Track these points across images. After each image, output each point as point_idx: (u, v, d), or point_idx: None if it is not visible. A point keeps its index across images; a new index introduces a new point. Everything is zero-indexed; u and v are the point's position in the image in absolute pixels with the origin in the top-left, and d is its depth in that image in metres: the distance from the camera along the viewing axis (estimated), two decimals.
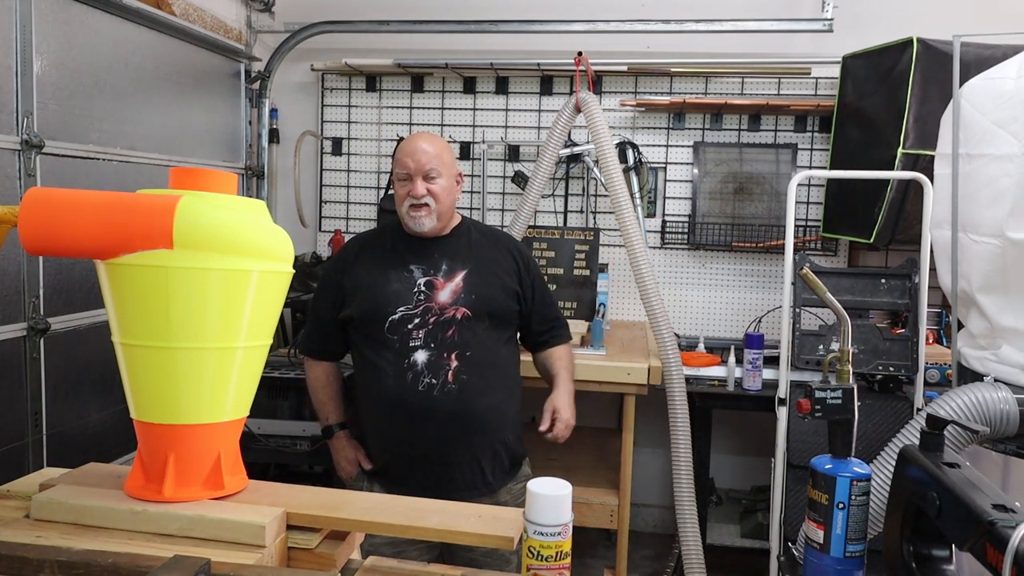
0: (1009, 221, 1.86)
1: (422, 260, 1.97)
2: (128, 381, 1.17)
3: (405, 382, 1.88)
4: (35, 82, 2.14)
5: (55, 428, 2.23)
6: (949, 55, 2.26)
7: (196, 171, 1.19)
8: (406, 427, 1.89)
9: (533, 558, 1.02)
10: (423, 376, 1.88)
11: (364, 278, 1.97)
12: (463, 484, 1.92)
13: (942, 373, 2.69)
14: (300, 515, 1.14)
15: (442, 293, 1.94)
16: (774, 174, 3.35)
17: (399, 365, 1.89)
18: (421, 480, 1.90)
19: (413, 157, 1.93)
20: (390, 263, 1.98)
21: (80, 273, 2.31)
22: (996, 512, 0.87)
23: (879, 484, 1.94)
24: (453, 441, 1.90)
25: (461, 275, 1.97)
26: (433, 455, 1.90)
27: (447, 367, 1.89)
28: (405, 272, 1.96)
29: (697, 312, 3.47)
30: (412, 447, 1.90)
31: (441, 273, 1.96)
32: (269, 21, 3.54)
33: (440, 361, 1.89)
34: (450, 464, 1.91)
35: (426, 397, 1.87)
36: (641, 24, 3.23)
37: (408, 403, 1.87)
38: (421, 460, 1.91)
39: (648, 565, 3.25)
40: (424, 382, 1.88)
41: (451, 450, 1.90)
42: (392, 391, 1.88)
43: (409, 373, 1.88)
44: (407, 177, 1.94)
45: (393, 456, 1.95)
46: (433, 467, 1.91)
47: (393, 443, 1.93)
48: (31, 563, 0.97)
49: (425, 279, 1.95)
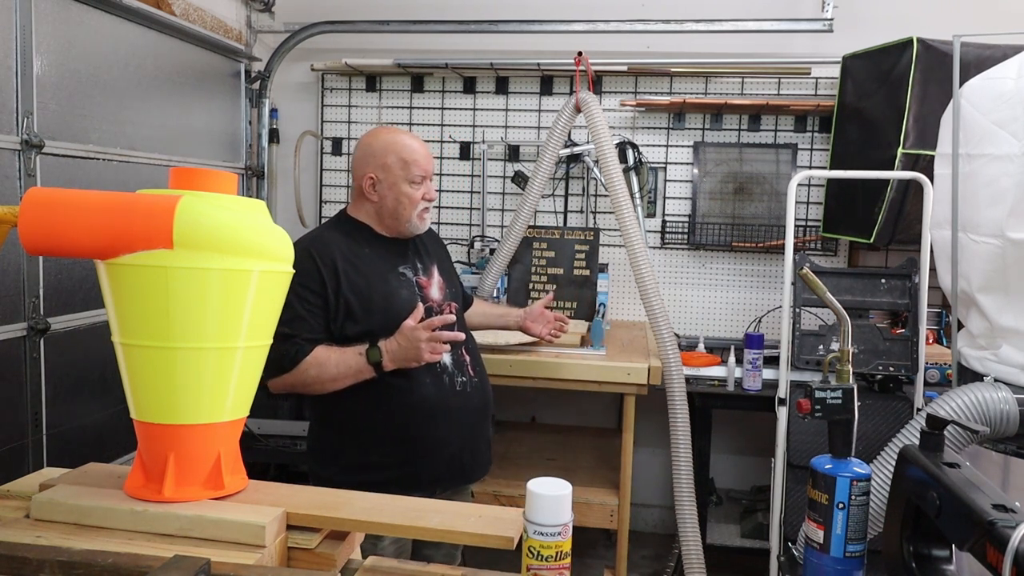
0: (1009, 221, 1.86)
1: (403, 260, 1.95)
2: (128, 381, 1.17)
3: (444, 385, 1.89)
4: (35, 82, 2.14)
5: (55, 428, 2.23)
6: (949, 55, 2.26)
7: (196, 171, 1.19)
8: (447, 428, 1.89)
9: (533, 558, 1.02)
10: (456, 376, 1.92)
11: (369, 289, 1.86)
12: (484, 463, 2.04)
13: (942, 373, 2.69)
14: (300, 515, 1.14)
15: (432, 291, 1.97)
16: (774, 174, 3.35)
17: (433, 371, 1.88)
18: (450, 475, 1.94)
19: (426, 160, 1.93)
20: (384, 269, 1.91)
21: (80, 273, 2.31)
22: (996, 512, 0.87)
23: (879, 484, 1.94)
24: (478, 429, 1.99)
25: (435, 270, 2.01)
26: (466, 449, 1.95)
27: (464, 362, 1.96)
28: (401, 276, 1.93)
29: (697, 312, 3.47)
30: (449, 446, 1.91)
31: (421, 271, 1.97)
32: (269, 21, 3.54)
33: (459, 359, 1.95)
34: (474, 452, 1.98)
35: (462, 396, 1.92)
36: (641, 24, 3.23)
37: (450, 405, 1.89)
38: (456, 456, 1.93)
39: (648, 565, 3.25)
40: (459, 382, 1.92)
41: (476, 437, 1.98)
42: (433, 397, 1.86)
43: (444, 376, 1.90)
44: (421, 179, 1.92)
45: (428, 460, 1.89)
46: (464, 459, 1.96)
47: (431, 447, 1.88)
48: (31, 563, 0.97)
49: (415, 279, 1.95)
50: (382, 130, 1.99)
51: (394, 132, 1.97)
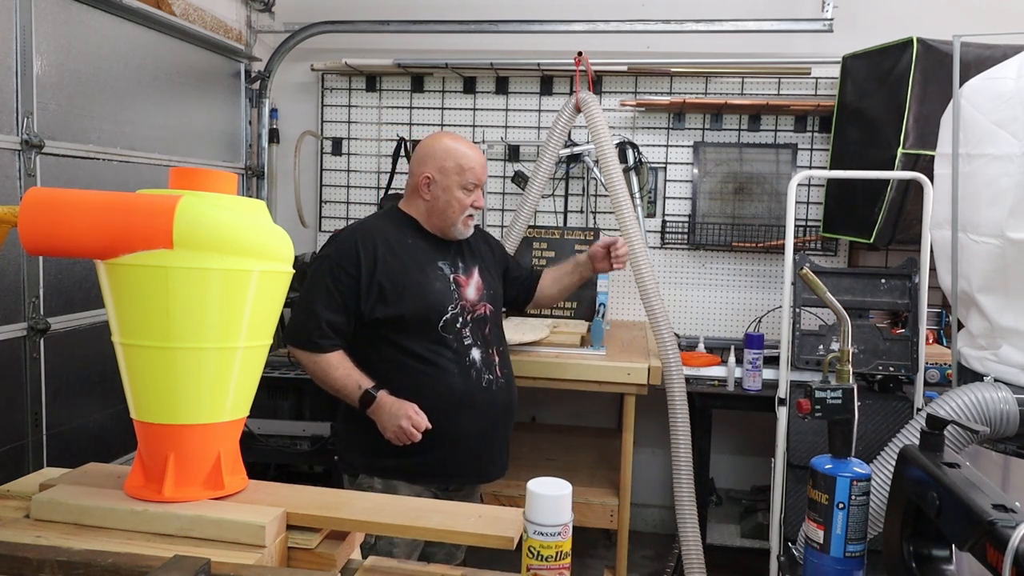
0: (1009, 221, 1.86)
1: (444, 257, 2.02)
2: (128, 381, 1.17)
3: (471, 379, 1.95)
4: (35, 82, 2.14)
5: (55, 428, 2.23)
6: (949, 55, 2.26)
7: (196, 171, 1.19)
8: (469, 422, 1.95)
9: (533, 558, 1.02)
10: (483, 373, 1.98)
11: (404, 275, 1.93)
12: (501, 465, 2.08)
13: (942, 373, 2.69)
14: (300, 515, 1.14)
15: (468, 290, 2.02)
16: (774, 174, 3.35)
17: (461, 363, 1.94)
18: (465, 471, 2.00)
19: (482, 169, 2.01)
20: (423, 260, 1.98)
21: (80, 273, 2.31)
22: (996, 512, 0.87)
23: (879, 484, 1.94)
24: (502, 430, 2.04)
25: (476, 271, 2.06)
26: (484, 447, 2.00)
27: (494, 362, 2.02)
28: (438, 270, 2.00)
29: (697, 312, 3.47)
30: (469, 439, 1.96)
31: (461, 270, 2.03)
32: (269, 21, 3.54)
33: (489, 358, 2.01)
34: (494, 449, 2.03)
35: (488, 392, 1.97)
36: (641, 24, 3.23)
37: (475, 400, 1.95)
38: (474, 452, 1.98)
39: (648, 565, 3.25)
40: (485, 379, 1.97)
41: (498, 436, 2.03)
42: (459, 389, 1.93)
43: (472, 371, 1.96)
44: (474, 187, 1.99)
45: (445, 451, 1.93)
46: (482, 457, 2.00)
47: (449, 438, 1.92)
48: (31, 563, 0.97)
49: (452, 276, 2.01)
50: (445, 135, 2.06)
51: (456, 139, 2.05)
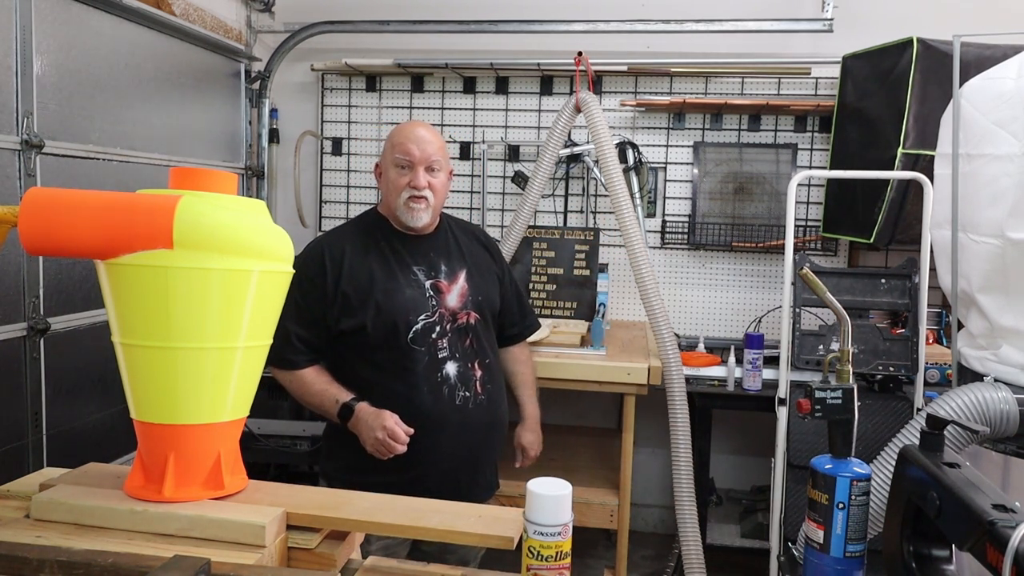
0: (1009, 221, 1.86)
1: (421, 260, 1.88)
2: (128, 381, 1.17)
3: (442, 397, 1.80)
4: (35, 82, 2.14)
5: (55, 428, 2.23)
6: (949, 55, 2.26)
7: (196, 171, 1.19)
8: (443, 441, 1.81)
9: (533, 558, 1.02)
10: (458, 389, 1.83)
11: (369, 283, 1.81)
12: (485, 485, 1.96)
13: (942, 373, 2.69)
14: (300, 515, 1.14)
15: (449, 297, 1.87)
16: (774, 174, 3.35)
17: (432, 379, 1.80)
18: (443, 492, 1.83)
19: (418, 145, 1.81)
20: (393, 265, 1.85)
21: (80, 273, 2.31)
22: (996, 512, 0.86)
23: (879, 484, 1.94)
24: (483, 449, 1.91)
25: (462, 276, 1.91)
26: (463, 468, 1.88)
27: (474, 378, 1.86)
28: (411, 275, 1.85)
29: (697, 312, 3.47)
30: (444, 460, 1.83)
31: (443, 275, 1.89)
32: (269, 21, 3.54)
33: (468, 372, 1.85)
34: (476, 470, 1.91)
35: (462, 411, 1.83)
36: (641, 24, 3.23)
37: (448, 420, 1.81)
38: (451, 473, 1.85)
39: (648, 565, 3.25)
40: (460, 395, 1.83)
41: (479, 457, 1.91)
42: (429, 406, 1.79)
43: (444, 387, 1.81)
44: (408, 165, 1.82)
45: (420, 471, 1.82)
46: (461, 476, 1.87)
47: (424, 457, 1.80)
48: (31, 563, 0.97)
49: (429, 282, 1.87)
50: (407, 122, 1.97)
51: (409, 123, 1.92)
